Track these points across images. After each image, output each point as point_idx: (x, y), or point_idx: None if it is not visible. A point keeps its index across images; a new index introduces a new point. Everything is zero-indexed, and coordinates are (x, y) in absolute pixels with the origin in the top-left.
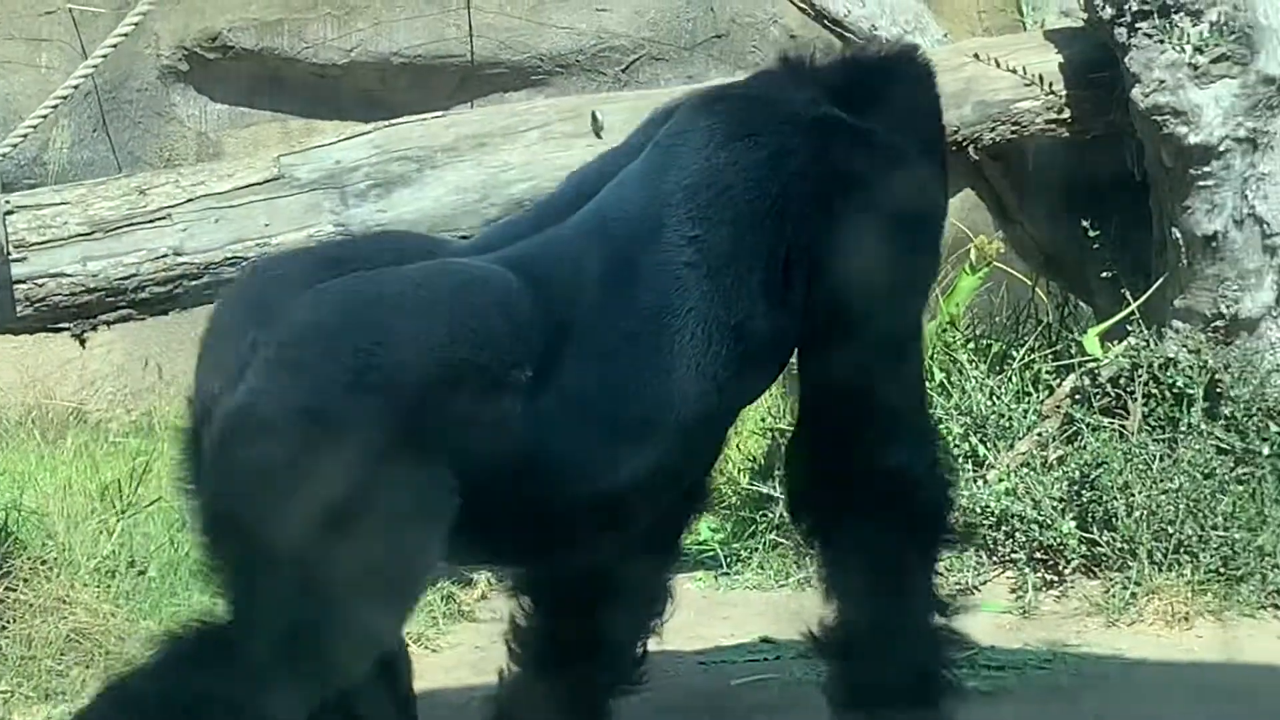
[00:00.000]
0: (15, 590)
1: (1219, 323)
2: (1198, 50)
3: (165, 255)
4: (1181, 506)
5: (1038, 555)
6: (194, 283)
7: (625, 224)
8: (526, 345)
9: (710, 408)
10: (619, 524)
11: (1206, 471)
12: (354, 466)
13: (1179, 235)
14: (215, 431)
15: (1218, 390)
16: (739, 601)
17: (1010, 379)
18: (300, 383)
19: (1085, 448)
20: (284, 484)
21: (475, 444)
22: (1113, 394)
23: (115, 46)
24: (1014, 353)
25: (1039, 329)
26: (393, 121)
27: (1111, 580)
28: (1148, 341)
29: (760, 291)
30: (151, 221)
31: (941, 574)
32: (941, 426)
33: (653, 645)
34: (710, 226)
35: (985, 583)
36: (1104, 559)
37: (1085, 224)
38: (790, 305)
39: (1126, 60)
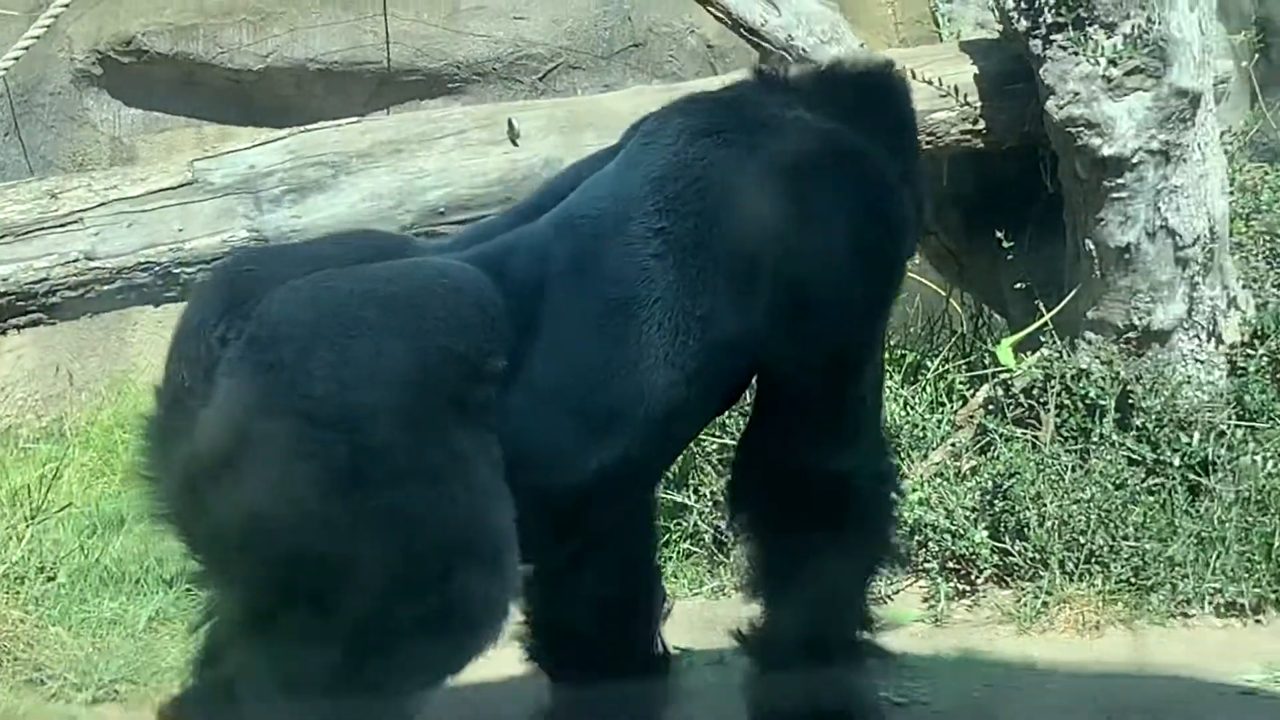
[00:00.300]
0: None
1: (1131, 334)
2: (1111, 63)
3: (77, 259)
4: (1093, 517)
5: (950, 565)
6: (106, 287)
7: (593, 220)
8: (499, 336)
9: (678, 398)
10: (593, 514)
11: (1118, 482)
12: (341, 457)
13: (1092, 247)
14: (200, 435)
15: (1129, 401)
16: None
17: (924, 389)
18: (276, 377)
19: (998, 458)
20: (278, 480)
21: (456, 430)
22: (1025, 405)
23: (27, 49)
24: (928, 363)
25: (953, 340)
26: (308, 127)
27: (1023, 590)
28: (1060, 352)
29: (726, 285)
30: (63, 225)
31: (874, 587)
32: None
33: None
34: (677, 219)
35: (898, 592)
36: (1016, 569)
37: (999, 235)
38: (755, 302)
39: (1041, 72)
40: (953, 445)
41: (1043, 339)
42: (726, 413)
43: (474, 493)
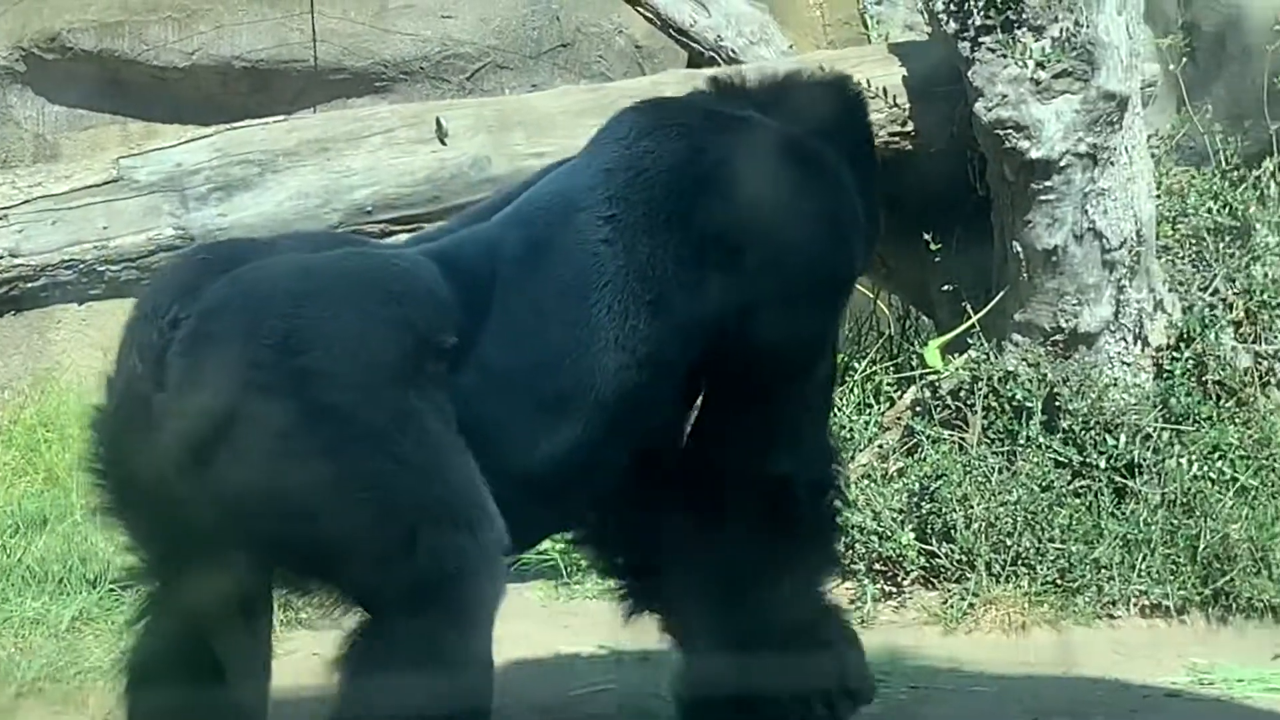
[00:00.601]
0: None
1: (1058, 337)
2: (1040, 65)
3: (1, 257)
4: (1019, 519)
5: (877, 566)
6: (30, 285)
7: (544, 211)
8: (449, 316)
9: (629, 382)
10: (556, 497)
11: (1044, 484)
12: (298, 423)
13: (1020, 249)
14: (156, 417)
15: (1056, 404)
16: (579, 611)
17: (852, 391)
18: (230, 348)
19: (925, 460)
20: (240, 451)
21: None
22: (953, 406)
23: None
24: (855, 365)
25: (880, 341)
26: (234, 125)
27: (950, 591)
28: (988, 355)
29: (675, 273)
30: None
31: (813, 592)
32: None
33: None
34: (627, 207)
35: None
36: (942, 570)
37: (927, 237)
38: (703, 292)
39: (970, 74)
40: (880, 447)
41: (970, 341)
42: None
43: (436, 448)
